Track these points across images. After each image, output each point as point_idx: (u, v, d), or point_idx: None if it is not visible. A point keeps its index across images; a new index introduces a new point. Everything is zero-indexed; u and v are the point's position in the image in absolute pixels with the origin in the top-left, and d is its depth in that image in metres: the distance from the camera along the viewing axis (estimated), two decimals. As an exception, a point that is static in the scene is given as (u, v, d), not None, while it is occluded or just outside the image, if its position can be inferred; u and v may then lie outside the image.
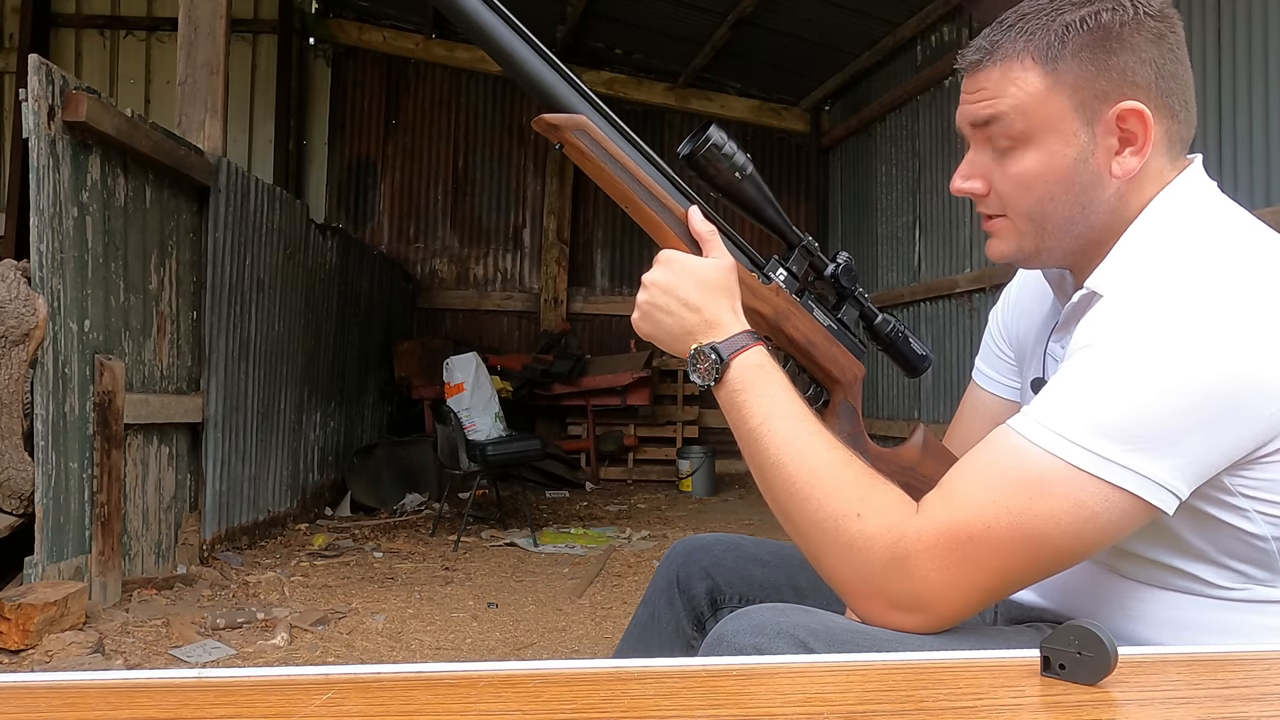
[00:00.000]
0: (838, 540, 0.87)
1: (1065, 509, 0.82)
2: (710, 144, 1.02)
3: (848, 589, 0.88)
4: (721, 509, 6.44)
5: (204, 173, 4.09)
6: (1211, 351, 0.82)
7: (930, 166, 6.54)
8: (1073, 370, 0.86)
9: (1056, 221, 0.97)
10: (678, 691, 0.63)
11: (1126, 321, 0.85)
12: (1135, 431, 0.81)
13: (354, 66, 8.29)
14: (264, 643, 3.05)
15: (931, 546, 0.84)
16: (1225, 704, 0.61)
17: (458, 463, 5.11)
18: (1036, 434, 0.83)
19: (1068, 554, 0.84)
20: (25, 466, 3.07)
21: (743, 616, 0.87)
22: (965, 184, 1.01)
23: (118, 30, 8.05)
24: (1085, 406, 0.83)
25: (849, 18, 6.59)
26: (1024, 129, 0.95)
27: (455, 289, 8.27)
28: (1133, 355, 0.83)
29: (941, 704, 0.61)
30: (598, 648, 3.18)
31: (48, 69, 3.10)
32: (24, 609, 2.74)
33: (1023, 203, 0.97)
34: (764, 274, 1.07)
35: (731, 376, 0.97)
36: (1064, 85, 0.94)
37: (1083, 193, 0.96)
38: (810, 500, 0.89)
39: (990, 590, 0.85)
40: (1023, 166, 0.96)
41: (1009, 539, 0.83)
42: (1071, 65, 0.93)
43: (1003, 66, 0.95)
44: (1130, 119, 0.93)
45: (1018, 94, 0.94)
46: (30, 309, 3.02)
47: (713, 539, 1.24)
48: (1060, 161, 0.95)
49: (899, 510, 0.87)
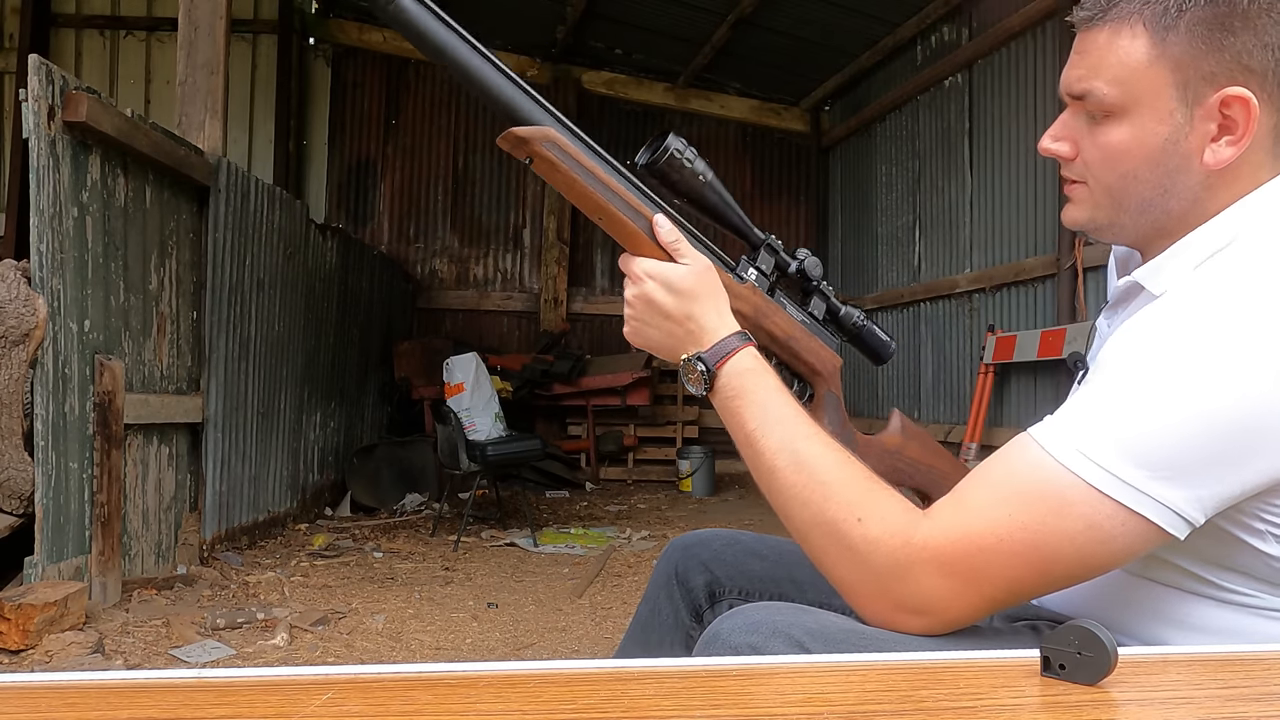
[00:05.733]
0: (839, 543, 0.87)
1: (1081, 529, 0.80)
2: (670, 152, 1.01)
3: (850, 591, 0.88)
4: (722, 509, 6.44)
5: (204, 173, 4.09)
6: (1249, 383, 0.79)
7: (930, 166, 6.54)
8: (1105, 383, 0.83)
9: (1135, 200, 0.93)
10: (678, 691, 0.63)
11: (1169, 338, 0.82)
12: (1161, 458, 0.79)
13: (354, 66, 8.29)
14: (264, 643, 3.05)
15: (938, 555, 0.83)
16: (1225, 704, 0.61)
17: (458, 463, 5.11)
18: (1059, 450, 0.81)
19: (1080, 572, 0.84)
20: (25, 466, 3.07)
21: (738, 615, 0.87)
22: (1053, 144, 0.97)
23: (118, 30, 8.05)
24: (1113, 427, 0.80)
25: (849, 18, 6.60)
26: (1119, 100, 0.90)
27: (455, 289, 8.27)
28: (1169, 377, 0.80)
29: (941, 704, 0.61)
30: (598, 648, 3.18)
31: (48, 69, 3.10)
32: (24, 609, 2.74)
33: (1106, 175, 0.94)
34: (737, 274, 1.07)
35: (721, 384, 0.97)
36: (1168, 60, 0.88)
37: (1167, 175, 0.91)
38: (810, 504, 0.89)
39: (998, 601, 0.85)
40: (1111, 138, 0.92)
41: (1021, 553, 0.82)
42: (1182, 39, 0.87)
43: (1112, 29, 0.90)
44: (1235, 106, 0.87)
45: (1118, 64, 0.89)
46: (30, 309, 3.02)
47: (711, 534, 1.24)
48: (1151, 139, 0.90)
49: (902, 516, 0.86)
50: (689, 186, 1.03)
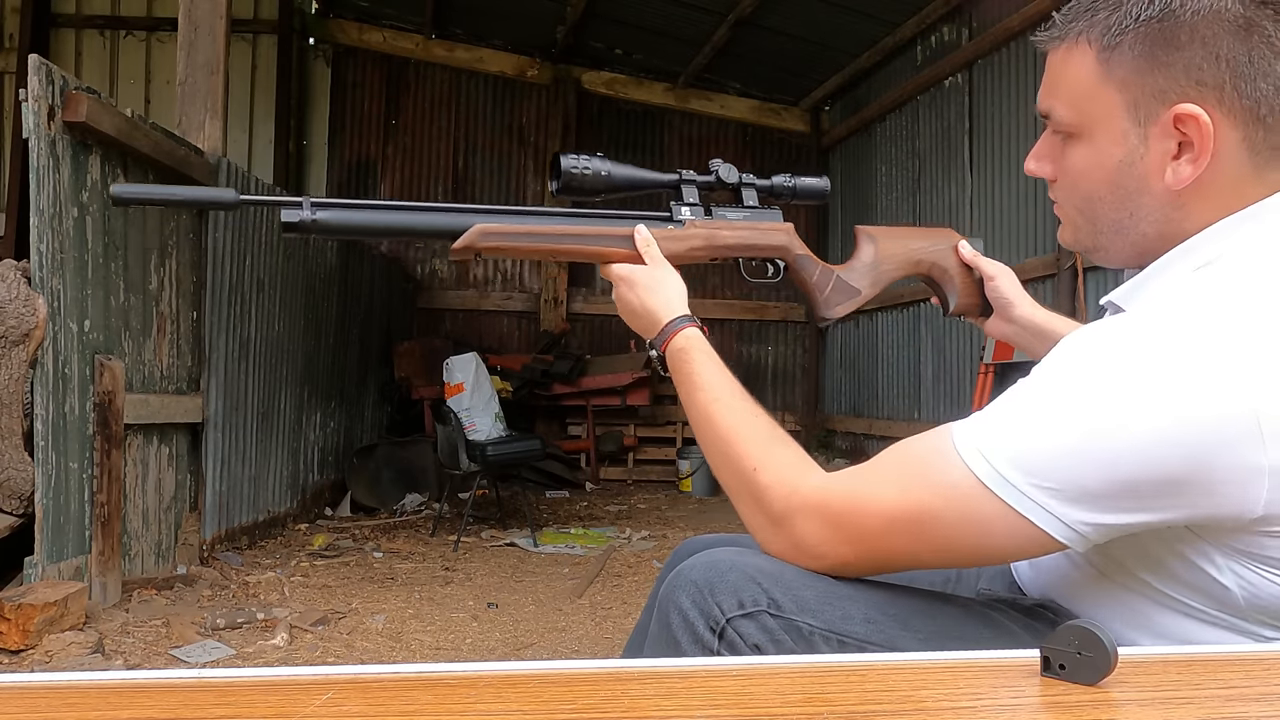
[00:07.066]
0: (742, 489, 0.96)
1: (965, 518, 0.82)
2: (564, 172, 1.15)
3: (753, 530, 0.96)
4: (722, 509, 6.44)
5: (204, 173, 4.09)
6: (1163, 416, 0.75)
7: (930, 166, 6.54)
8: (1024, 389, 0.83)
9: (1106, 222, 0.92)
10: (678, 691, 0.63)
11: (1096, 354, 0.80)
12: (1054, 475, 0.78)
13: (354, 66, 8.29)
14: (264, 643, 3.05)
15: (820, 506, 0.89)
16: (1225, 704, 0.61)
17: (458, 463, 5.11)
18: (963, 445, 0.82)
19: (966, 555, 0.87)
20: (25, 466, 3.07)
21: (702, 555, 0.94)
22: (1035, 165, 0.97)
23: (118, 30, 8.06)
24: (1014, 436, 0.80)
25: (849, 18, 6.59)
26: (1075, 122, 0.90)
27: (455, 289, 8.27)
28: (1082, 395, 0.78)
29: (941, 704, 0.61)
30: (598, 648, 3.18)
31: (48, 69, 3.10)
32: (24, 609, 2.74)
33: (1073, 197, 0.94)
34: (674, 221, 1.22)
35: (669, 364, 1.12)
36: (1115, 79, 0.86)
37: (1128, 198, 0.89)
38: (723, 457, 1.00)
39: (884, 560, 0.89)
40: (1073, 160, 0.91)
41: (904, 527, 0.85)
42: (1126, 58, 0.85)
43: (1066, 49, 0.90)
44: (1188, 123, 0.83)
45: (1072, 84, 0.89)
46: (30, 309, 3.02)
47: (715, 540, 1.24)
48: (1107, 161, 0.89)
49: (794, 467, 0.94)
50: (600, 185, 1.17)
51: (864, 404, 7.46)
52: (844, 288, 1.26)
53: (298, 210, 1.07)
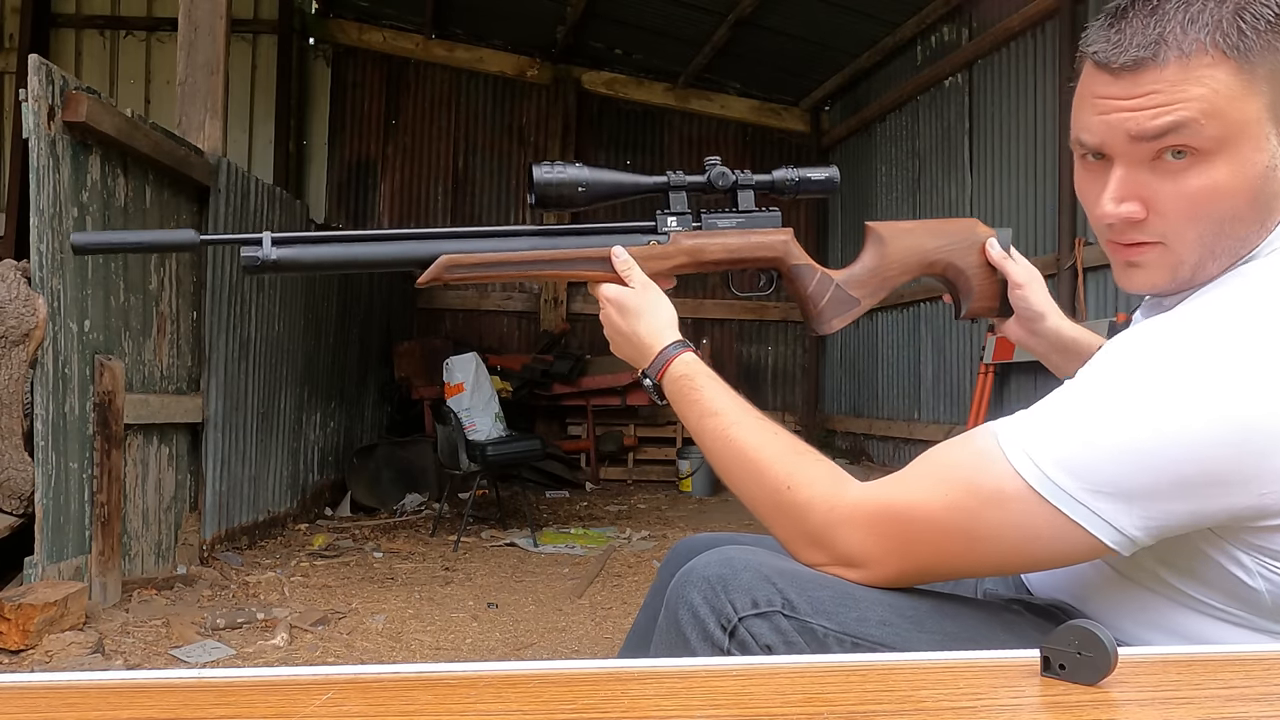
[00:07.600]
0: (776, 510, 0.94)
1: (1013, 523, 0.81)
2: (538, 184, 1.10)
3: (792, 550, 0.94)
4: (722, 509, 6.44)
5: (204, 173, 4.09)
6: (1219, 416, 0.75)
7: (930, 166, 6.54)
8: (1073, 390, 0.82)
9: (1230, 242, 0.84)
10: (678, 691, 0.63)
11: (1148, 354, 0.79)
12: (1103, 477, 0.78)
13: (354, 66, 8.29)
14: (264, 643, 3.05)
15: (866, 516, 0.87)
16: (1225, 704, 0.61)
17: (458, 463, 5.11)
18: (1009, 447, 0.81)
19: (1014, 561, 0.85)
20: (25, 466, 3.07)
21: (714, 551, 0.92)
22: (1123, 208, 0.85)
23: (118, 30, 8.05)
24: (1063, 437, 0.80)
25: (849, 18, 6.59)
26: (1217, 135, 0.81)
27: (455, 289, 8.26)
28: (1132, 396, 0.78)
29: (941, 704, 0.61)
30: (598, 648, 3.18)
31: (48, 69, 3.10)
32: (24, 609, 2.74)
33: (1197, 225, 0.84)
34: (658, 235, 1.15)
35: (667, 392, 1.08)
36: (1257, 80, 0.80)
37: (1263, 206, 0.83)
38: (749, 480, 0.96)
39: (929, 570, 0.88)
40: (1208, 180, 0.82)
41: (951, 533, 0.84)
42: (1265, 56, 0.80)
43: (1179, 62, 0.80)
44: None
45: (1209, 96, 0.80)
46: (30, 309, 3.02)
47: (713, 539, 1.23)
48: (1251, 170, 0.82)
49: (828, 479, 0.91)
50: (577, 197, 1.12)
51: (864, 404, 7.46)
52: (842, 298, 1.18)
53: (257, 249, 1.04)
